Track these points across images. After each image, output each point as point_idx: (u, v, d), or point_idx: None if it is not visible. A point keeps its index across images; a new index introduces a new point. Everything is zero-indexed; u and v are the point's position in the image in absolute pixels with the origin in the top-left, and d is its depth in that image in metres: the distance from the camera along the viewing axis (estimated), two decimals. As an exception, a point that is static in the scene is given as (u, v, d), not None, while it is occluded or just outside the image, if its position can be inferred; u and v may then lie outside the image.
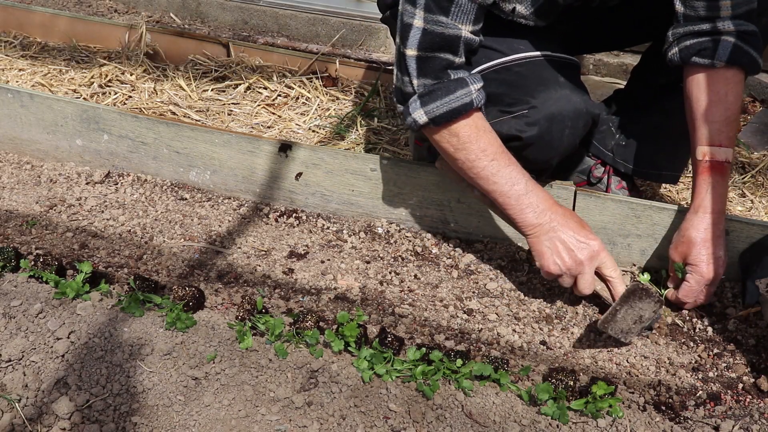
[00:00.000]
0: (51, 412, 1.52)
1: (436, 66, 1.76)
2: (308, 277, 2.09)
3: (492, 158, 1.78)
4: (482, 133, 1.79)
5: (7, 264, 1.92)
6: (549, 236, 1.79)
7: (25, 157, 2.66)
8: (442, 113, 1.76)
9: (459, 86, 1.76)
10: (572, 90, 1.89)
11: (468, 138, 1.78)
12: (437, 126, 1.79)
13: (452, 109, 1.75)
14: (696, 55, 1.80)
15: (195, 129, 2.40)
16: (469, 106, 1.76)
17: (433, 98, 1.76)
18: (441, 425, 1.54)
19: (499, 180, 1.79)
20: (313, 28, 3.92)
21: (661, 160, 2.25)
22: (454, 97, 1.75)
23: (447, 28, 1.73)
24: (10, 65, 3.29)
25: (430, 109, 1.77)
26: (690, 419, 1.60)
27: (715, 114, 1.79)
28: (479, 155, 1.78)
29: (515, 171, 1.79)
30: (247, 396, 1.57)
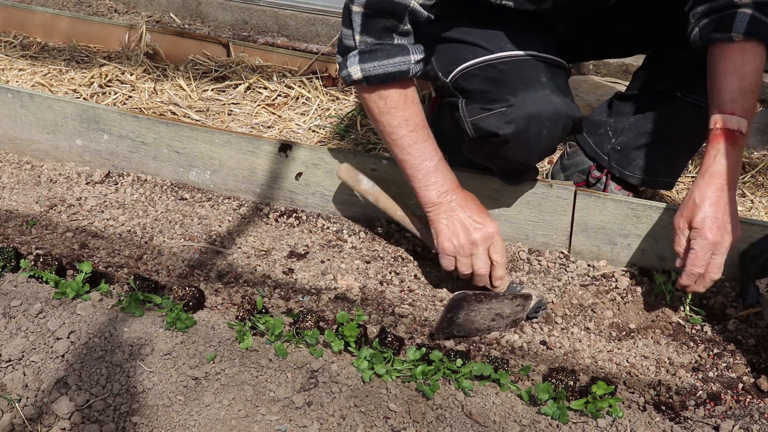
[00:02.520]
0: (51, 412, 1.52)
1: (379, 26, 1.78)
2: (308, 277, 2.09)
3: (412, 129, 1.82)
4: (410, 104, 1.83)
5: (7, 264, 1.92)
6: (448, 215, 1.85)
7: (25, 157, 2.66)
8: (376, 74, 1.78)
9: (399, 53, 1.78)
10: (553, 91, 1.87)
11: (395, 104, 1.82)
12: (369, 85, 1.81)
13: (387, 72, 1.78)
14: (714, 31, 1.75)
15: (195, 129, 2.40)
16: (404, 74, 1.79)
17: (372, 58, 1.78)
18: (441, 425, 1.54)
19: (413, 152, 1.84)
20: (313, 27, 3.92)
21: (656, 166, 2.24)
22: (392, 62, 1.78)
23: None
24: (10, 65, 3.29)
25: (366, 68, 1.79)
26: (690, 419, 1.60)
27: (729, 83, 1.74)
28: (401, 123, 1.82)
29: (430, 147, 1.84)
30: (247, 396, 1.57)
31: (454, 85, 1.95)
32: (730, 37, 1.72)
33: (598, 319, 1.94)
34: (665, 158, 2.24)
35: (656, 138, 2.20)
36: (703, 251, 1.73)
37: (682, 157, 2.28)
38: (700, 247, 1.73)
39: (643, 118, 2.21)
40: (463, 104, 1.92)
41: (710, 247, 1.72)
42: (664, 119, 2.18)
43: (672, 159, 2.25)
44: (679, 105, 2.12)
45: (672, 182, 2.29)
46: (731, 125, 1.73)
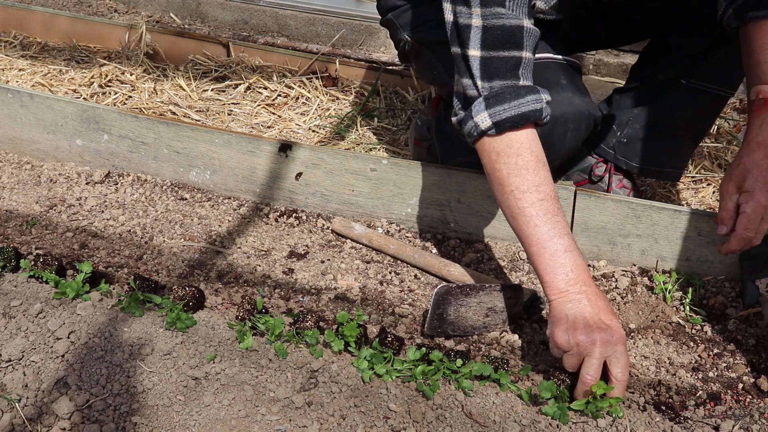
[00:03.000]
0: (51, 412, 1.52)
1: (502, 66, 1.63)
2: (308, 277, 2.09)
3: (543, 198, 1.60)
4: (542, 166, 1.63)
5: (7, 264, 1.92)
6: (573, 305, 1.56)
7: (25, 157, 2.66)
8: (508, 116, 1.61)
9: (530, 92, 1.64)
10: (574, 92, 1.88)
11: (526, 163, 1.62)
12: (499, 132, 1.63)
13: (521, 113, 1.61)
14: (752, 9, 1.72)
15: (195, 129, 2.40)
16: (539, 113, 1.63)
17: (501, 100, 1.62)
18: (441, 425, 1.54)
19: (541, 224, 1.59)
20: (313, 28, 3.92)
21: (662, 157, 2.25)
22: (524, 101, 1.62)
23: (507, 18, 1.60)
24: (10, 65, 3.29)
25: (495, 112, 1.61)
26: (690, 419, 1.60)
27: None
28: (531, 188, 1.60)
29: (561, 223, 1.60)
30: (247, 396, 1.57)
31: None
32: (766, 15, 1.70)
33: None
34: (672, 148, 2.25)
35: (662, 127, 2.21)
36: (755, 214, 1.65)
37: (687, 146, 2.28)
38: (752, 210, 1.65)
39: (647, 109, 2.22)
40: None
41: (762, 210, 1.65)
42: (669, 108, 2.18)
43: (678, 148, 2.26)
44: (683, 92, 2.12)
45: (678, 173, 2.30)
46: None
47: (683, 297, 1.99)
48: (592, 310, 1.55)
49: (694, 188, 2.58)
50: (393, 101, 3.08)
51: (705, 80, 2.10)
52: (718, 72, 2.08)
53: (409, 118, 2.96)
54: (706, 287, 2.03)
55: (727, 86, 2.13)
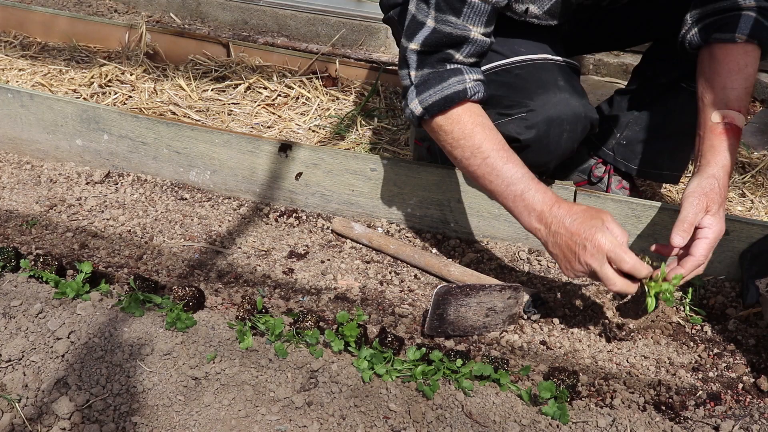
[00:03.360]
0: (51, 412, 1.52)
1: (434, 59, 1.75)
2: (308, 277, 2.09)
3: (486, 155, 1.72)
4: (478, 128, 1.74)
5: (7, 264, 1.92)
6: (553, 241, 1.68)
7: (25, 157, 2.66)
8: (434, 101, 1.73)
9: (453, 74, 1.74)
10: (571, 94, 1.88)
11: (461, 134, 1.74)
12: (431, 116, 1.75)
13: (443, 97, 1.72)
14: (717, 31, 1.75)
15: (195, 129, 2.40)
16: (461, 94, 1.72)
17: (427, 87, 1.74)
18: (441, 425, 1.54)
19: (494, 179, 1.72)
20: (313, 28, 3.92)
21: (662, 159, 2.25)
22: (447, 84, 1.72)
23: (456, 28, 1.71)
24: (10, 65, 3.29)
25: (423, 98, 1.74)
26: (690, 419, 1.60)
27: (735, 82, 1.73)
28: (473, 152, 1.73)
29: (512, 169, 1.71)
30: (247, 396, 1.57)
31: None
32: (733, 38, 1.73)
33: (598, 319, 1.94)
34: (671, 150, 2.25)
35: (661, 130, 2.21)
36: (715, 240, 1.68)
37: (687, 149, 2.28)
38: (714, 237, 1.68)
39: (647, 112, 2.22)
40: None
41: (718, 236, 1.69)
42: (668, 111, 2.18)
43: (678, 151, 2.26)
44: (684, 95, 2.12)
45: (678, 176, 2.30)
46: (738, 122, 1.72)
47: (683, 297, 1.99)
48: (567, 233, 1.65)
49: (694, 188, 2.58)
50: (393, 101, 3.08)
51: None
52: None
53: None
54: (706, 287, 2.03)
55: None
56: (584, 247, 1.62)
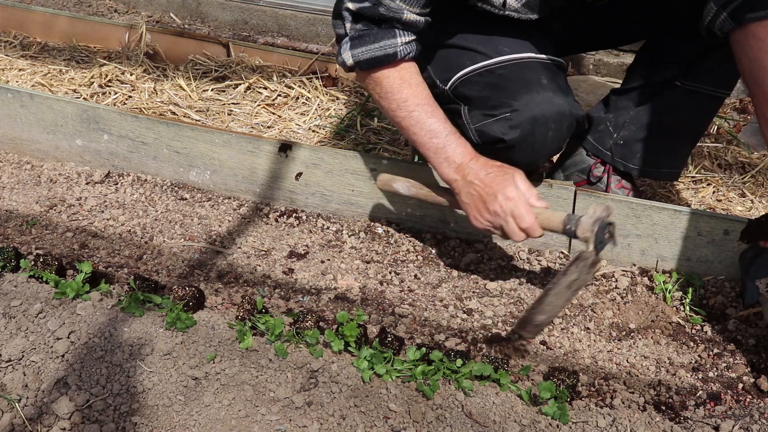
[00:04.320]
0: (51, 412, 1.52)
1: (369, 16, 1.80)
2: (308, 277, 2.09)
3: (412, 110, 1.82)
4: (405, 85, 1.83)
5: (7, 264, 1.92)
6: (466, 190, 1.80)
7: (25, 157, 2.66)
8: (365, 59, 1.81)
9: (386, 36, 1.80)
10: (555, 92, 1.87)
11: (390, 88, 1.83)
12: (362, 71, 1.84)
13: (374, 57, 1.80)
14: (750, 11, 1.71)
15: (195, 129, 2.40)
16: (392, 57, 1.80)
17: (361, 43, 1.81)
18: (441, 425, 1.54)
19: (418, 131, 1.82)
20: (313, 27, 3.92)
21: (660, 157, 2.25)
22: (378, 45, 1.80)
23: (389, 11, 1.76)
24: (10, 65, 3.29)
25: (356, 53, 1.82)
26: (690, 419, 1.60)
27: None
28: (400, 105, 1.82)
29: (435, 123, 1.82)
30: (247, 396, 1.57)
31: (453, 93, 1.95)
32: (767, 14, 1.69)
33: (598, 319, 1.94)
34: (669, 149, 2.24)
35: (659, 129, 2.21)
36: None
37: (685, 147, 2.28)
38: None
39: (643, 110, 2.21)
40: (465, 111, 1.93)
41: None
42: (665, 109, 2.18)
43: (675, 149, 2.25)
44: (680, 93, 2.12)
45: (676, 173, 2.29)
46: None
47: (683, 297, 1.99)
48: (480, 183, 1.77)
49: (694, 188, 2.58)
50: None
51: (700, 81, 2.09)
52: (713, 73, 2.07)
53: (409, 118, 2.96)
54: (706, 287, 2.03)
55: (723, 87, 2.13)
56: (495, 197, 1.75)
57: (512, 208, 1.74)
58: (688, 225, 2.02)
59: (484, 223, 1.80)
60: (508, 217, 1.75)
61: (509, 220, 1.75)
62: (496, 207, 1.75)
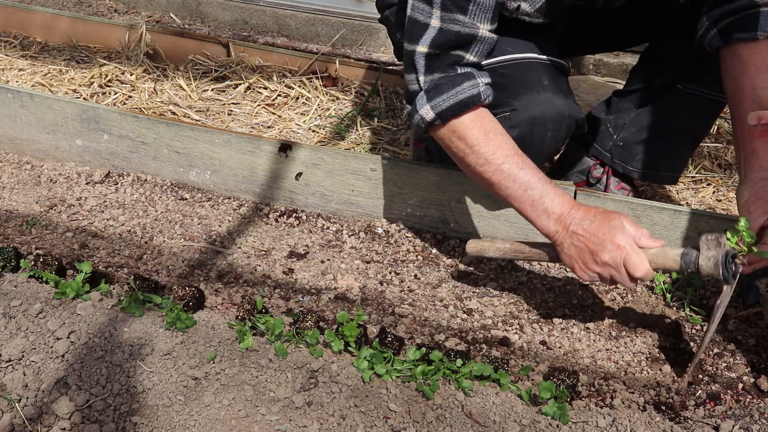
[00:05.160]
0: (51, 412, 1.52)
1: (444, 62, 1.71)
2: (308, 277, 2.09)
3: (501, 162, 1.71)
4: (491, 135, 1.72)
5: (7, 264, 1.92)
6: (569, 243, 1.68)
7: (25, 157, 2.66)
8: (448, 106, 1.70)
9: (465, 78, 1.71)
10: (555, 93, 1.87)
11: (475, 141, 1.72)
12: (444, 122, 1.73)
13: (458, 102, 1.70)
14: (737, 31, 1.73)
15: (195, 129, 2.40)
16: (476, 98, 1.71)
17: (439, 92, 1.71)
18: (441, 425, 1.54)
19: (510, 185, 1.71)
20: (313, 27, 3.92)
21: (659, 160, 2.25)
22: (461, 89, 1.70)
23: (464, 26, 1.68)
24: (10, 65, 3.29)
25: (436, 104, 1.71)
26: (690, 419, 1.60)
27: (765, 79, 1.70)
28: (488, 158, 1.71)
29: (528, 174, 1.71)
30: (247, 396, 1.57)
31: None
32: (755, 36, 1.71)
33: (598, 319, 1.94)
34: (668, 152, 2.24)
35: (658, 132, 2.21)
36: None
37: (684, 150, 2.28)
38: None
39: (644, 113, 2.21)
40: None
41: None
42: (665, 112, 2.18)
43: (675, 152, 2.25)
44: (680, 97, 2.12)
45: (676, 177, 2.29)
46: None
47: (683, 297, 1.99)
48: (586, 234, 1.65)
49: (694, 188, 2.58)
50: (393, 101, 3.08)
51: (701, 85, 2.09)
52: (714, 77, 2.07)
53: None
54: (706, 287, 2.03)
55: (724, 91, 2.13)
56: (603, 247, 1.63)
57: (625, 258, 1.62)
58: (688, 225, 2.02)
59: (591, 275, 1.68)
60: (620, 268, 1.63)
61: (621, 270, 1.63)
62: (606, 258, 1.63)
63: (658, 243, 1.65)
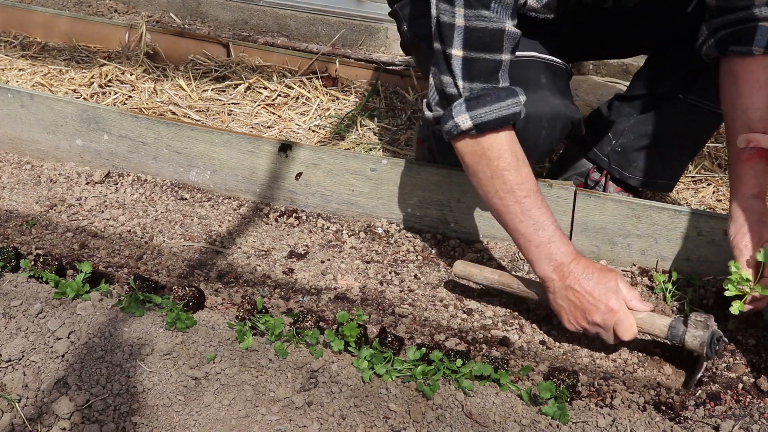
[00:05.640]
0: (51, 412, 1.52)
1: (484, 68, 1.67)
2: (308, 277, 2.09)
3: (526, 195, 1.69)
4: (521, 164, 1.70)
5: (7, 264, 1.92)
6: (563, 293, 1.69)
7: (25, 157, 2.66)
8: (490, 119, 1.66)
9: (509, 95, 1.69)
10: (552, 92, 1.86)
11: (507, 165, 1.69)
12: (479, 134, 1.68)
13: (502, 116, 1.67)
14: (734, 44, 1.72)
15: (195, 129, 2.40)
16: (517, 116, 1.69)
17: (482, 103, 1.67)
18: (441, 425, 1.54)
19: (525, 220, 1.70)
20: (313, 27, 3.92)
21: (656, 168, 2.24)
22: (505, 104, 1.67)
23: (491, 22, 1.63)
24: (10, 65, 3.29)
25: (477, 114, 1.66)
26: (690, 419, 1.60)
27: (757, 101, 1.70)
28: (513, 188, 1.69)
29: (545, 215, 1.70)
30: (247, 396, 1.57)
31: None
32: (750, 51, 1.71)
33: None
34: (666, 160, 2.24)
35: (657, 140, 2.20)
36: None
37: (682, 160, 2.28)
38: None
39: (643, 120, 2.21)
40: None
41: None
42: (665, 121, 2.18)
43: (672, 161, 2.25)
44: (681, 107, 2.11)
45: (672, 184, 2.29)
46: (765, 144, 1.69)
47: (683, 297, 1.99)
48: (581, 290, 1.67)
49: (694, 188, 2.58)
50: (393, 101, 3.08)
51: (702, 97, 2.08)
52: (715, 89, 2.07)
53: (409, 118, 2.96)
54: (706, 287, 2.03)
55: None
56: (596, 308, 1.66)
57: (616, 322, 1.65)
58: (688, 225, 2.02)
59: (577, 328, 1.72)
60: (609, 330, 1.67)
61: (610, 332, 1.67)
62: (598, 320, 1.66)
63: (647, 307, 1.70)
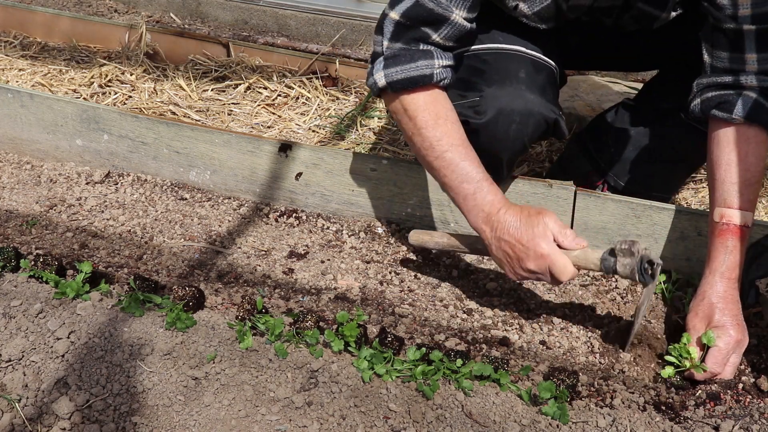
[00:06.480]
0: (51, 412, 1.52)
1: (410, 35, 1.73)
2: (308, 277, 2.09)
3: (445, 149, 1.72)
4: (441, 121, 1.73)
5: (7, 264, 1.92)
6: (497, 244, 1.71)
7: (25, 157, 2.66)
8: (399, 79, 1.72)
9: (423, 57, 1.72)
10: (530, 88, 1.84)
11: (424, 124, 1.73)
12: (395, 93, 1.74)
13: (409, 77, 1.71)
14: (715, 108, 1.73)
15: (195, 129, 2.40)
16: (427, 78, 1.71)
17: (396, 62, 1.72)
18: (441, 425, 1.54)
19: (449, 174, 1.73)
20: (313, 28, 3.92)
21: (653, 181, 2.24)
22: (415, 65, 1.71)
23: (439, 6, 1.69)
24: (10, 65, 3.29)
25: (389, 73, 1.73)
26: (690, 419, 1.60)
27: (734, 175, 1.71)
28: (433, 144, 1.72)
29: (469, 166, 1.72)
30: (247, 396, 1.57)
31: None
32: (730, 118, 1.71)
33: (598, 319, 1.94)
34: (663, 175, 2.24)
35: (656, 154, 2.20)
36: (726, 348, 1.68)
37: (679, 176, 2.28)
38: (724, 344, 1.68)
39: (644, 133, 2.20)
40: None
41: (734, 345, 1.69)
42: (665, 137, 2.17)
43: (669, 176, 2.25)
44: (680, 126, 2.09)
45: (666, 198, 2.29)
46: (736, 220, 1.71)
47: (683, 297, 1.99)
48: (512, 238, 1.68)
49: (694, 188, 2.58)
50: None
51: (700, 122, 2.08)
52: None
53: (409, 118, 2.96)
54: (706, 287, 2.03)
55: None
56: (527, 255, 1.67)
57: (549, 265, 1.66)
58: (688, 225, 2.02)
59: (520, 278, 1.74)
60: (546, 274, 1.68)
61: (547, 276, 1.69)
62: (531, 266, 1.68)
63: (582, 244, 1.68)
